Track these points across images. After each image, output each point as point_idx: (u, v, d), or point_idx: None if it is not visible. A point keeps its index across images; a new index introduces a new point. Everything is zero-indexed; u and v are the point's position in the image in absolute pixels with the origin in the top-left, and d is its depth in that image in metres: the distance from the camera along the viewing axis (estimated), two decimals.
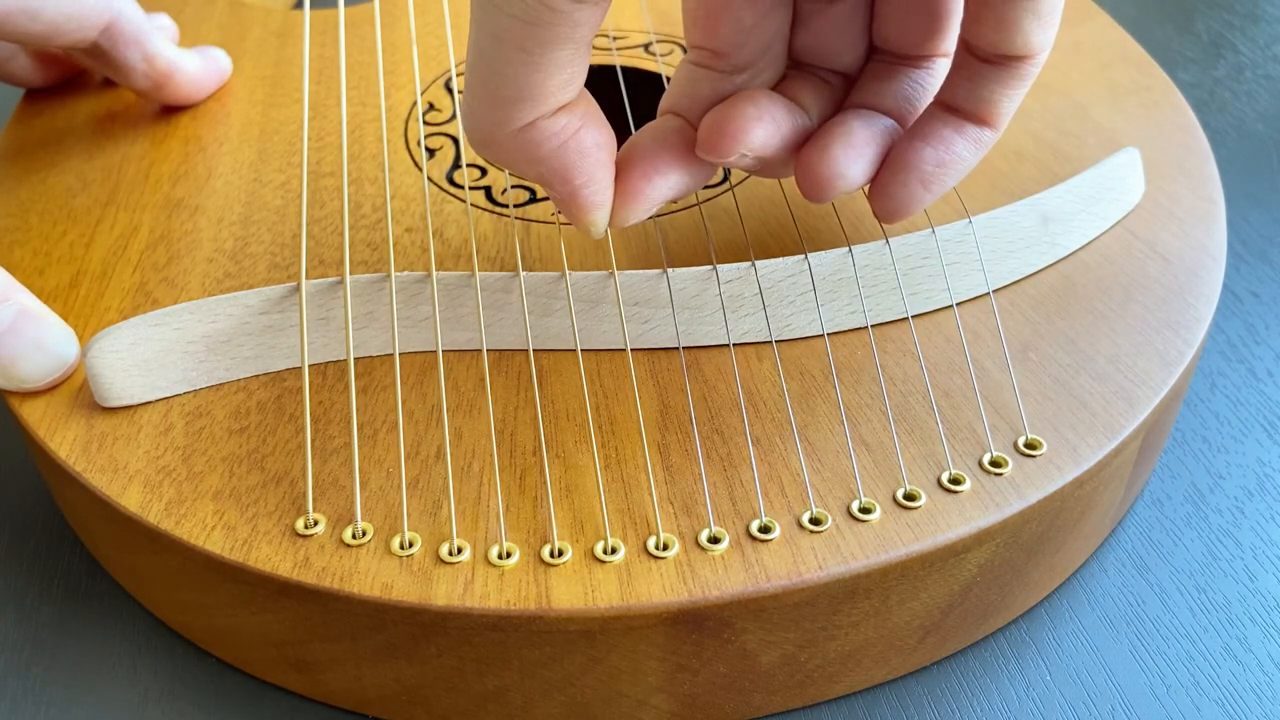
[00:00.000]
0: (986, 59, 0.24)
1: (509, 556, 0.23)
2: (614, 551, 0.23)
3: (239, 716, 0.25)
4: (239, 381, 0.27)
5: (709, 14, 0.24)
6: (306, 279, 0.27)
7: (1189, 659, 0.26)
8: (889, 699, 0.25)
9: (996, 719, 0.25)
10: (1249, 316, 0.36)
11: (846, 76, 0.26)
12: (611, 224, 0.24)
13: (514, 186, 0.32)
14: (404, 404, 0.26)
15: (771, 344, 0.27)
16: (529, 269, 0.29)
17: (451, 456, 0.25)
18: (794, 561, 0.22)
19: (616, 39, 0.39)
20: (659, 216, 0.31)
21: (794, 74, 0.26)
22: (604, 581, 0.22)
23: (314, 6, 0.40)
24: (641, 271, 0.27)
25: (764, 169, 0.26)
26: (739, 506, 0.24)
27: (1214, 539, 0.29)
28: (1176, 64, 0.49)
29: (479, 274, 0.27)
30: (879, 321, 0.28)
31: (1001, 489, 0.24)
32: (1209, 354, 0.34)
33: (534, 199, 0.32)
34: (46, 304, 0.28)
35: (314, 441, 0.25)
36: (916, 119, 0.25)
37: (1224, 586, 0.28)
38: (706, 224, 0.30)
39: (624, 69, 0.37)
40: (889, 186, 0.25)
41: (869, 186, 0.25)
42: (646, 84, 0.37)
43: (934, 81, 0.26)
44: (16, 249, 0.31)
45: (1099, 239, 0.30)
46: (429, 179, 0.33)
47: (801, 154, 0.25)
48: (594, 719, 0.24)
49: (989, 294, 0.28)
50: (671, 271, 0.27)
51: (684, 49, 0.31)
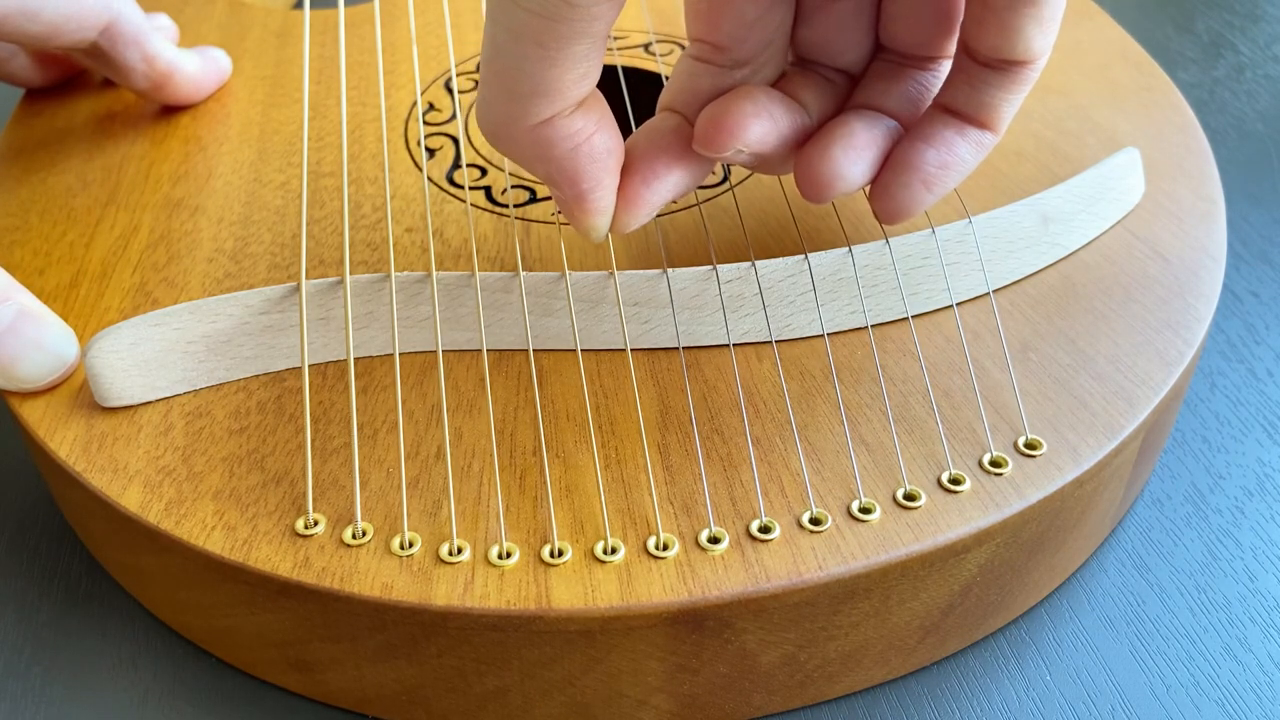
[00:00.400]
0: (987, 63, 0.24)
1: (509, 556, 0.23)
2: (614, 551, 0.23)
3: (238, 716, 0.25)
4: (239, 381, 0.27)
5: (711, 7, 0.24)
6: (306, 279, 0.27)
7: (1189, 659, 0.26)
8: (889, 699, 0.25)
9: (996, 719, 0.25)
10: (1249, 316, 0.36)
11: (849, 75, 0.26)
12: (613, 230, 0.24)
13: (514, 187, 0.32)
14: (404, 404, 0.26)
15: (771, 344, 0.27)
16: (529, 269, 0.29)
17: (451, 456, 0.25)
18: (794, 561, 0.22)
19: (617, 39, 0.39)
20: (659, 216, 0.31)
21: (795, 71, 0.26)
22: (604, 581, 0.22)
23: (314, 6, 0.40)
24: (641, 271, 0.27)
25: (763, 165, 0.26)
26: (739, 506, 0.24)
27: (1214, 539, 0.29)
28: (1176, 64, 0.49)
29: (479, 274, 0.27)
30: (879, 321, 0.28)
31: (1001, 489, 0.24)
32: (1209, 354, 0.34)
33: (534, 199, 0.32)
34: (46, 304, 0.28)
35: (314, 441, 0.25)
36: (917, 120, 0.25)
37: (1224, 586, 0.28)
38: (706, 224, 0.30)
39: (624, 69, 0.37)
40: (890, 187, 0.25)
41: (870, 187, 0.25)
42: (647, 84, 0.37)
43: (940, 83, 0.26)
44: (16, 249, 0.31)
45: (1099, 239, 0.30)
46: (429, 179, 0.33)
47: (801, 154, 0.25)
48: (594, 719, 0.24)
49: (989, 294, 0.28)
50: (671, 271, 0.27)
51: (684, 48, 0.31)
